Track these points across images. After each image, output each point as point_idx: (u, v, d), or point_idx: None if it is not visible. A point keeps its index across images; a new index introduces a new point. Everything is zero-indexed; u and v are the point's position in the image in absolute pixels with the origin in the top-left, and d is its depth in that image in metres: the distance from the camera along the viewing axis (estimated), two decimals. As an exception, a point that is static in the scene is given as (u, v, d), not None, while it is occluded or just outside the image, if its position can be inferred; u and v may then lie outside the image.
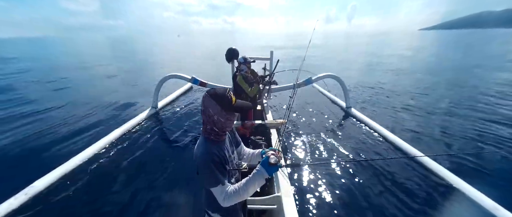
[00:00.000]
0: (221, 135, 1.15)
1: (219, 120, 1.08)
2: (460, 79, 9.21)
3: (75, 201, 2.64)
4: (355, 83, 8.60)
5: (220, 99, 1.05)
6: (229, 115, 1.08)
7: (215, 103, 1.06)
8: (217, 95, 1.06)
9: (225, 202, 1.07)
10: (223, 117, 1.07)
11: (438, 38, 52.19)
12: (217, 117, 1.07)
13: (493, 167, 3.27)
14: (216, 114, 1.07)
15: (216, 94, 1.07)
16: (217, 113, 1.07)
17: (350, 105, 5.41)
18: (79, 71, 10.62)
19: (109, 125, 4.57)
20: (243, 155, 1.42)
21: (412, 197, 2.72)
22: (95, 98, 6.54)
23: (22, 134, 4.26)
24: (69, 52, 19.28)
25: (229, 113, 1.08)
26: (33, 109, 5.57)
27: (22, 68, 11.80)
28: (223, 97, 1.05)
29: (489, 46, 26.00)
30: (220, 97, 1.05)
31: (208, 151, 1.07)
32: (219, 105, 1.06)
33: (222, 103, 1.05)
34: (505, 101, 6.17)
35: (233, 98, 1.08)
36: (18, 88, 7.55)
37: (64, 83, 8.32)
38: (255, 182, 1.07)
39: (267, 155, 1.10)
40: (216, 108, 1.06)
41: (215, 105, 1.06)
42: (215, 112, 1.07)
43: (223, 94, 1.06)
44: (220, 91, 1.07)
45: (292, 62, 13.55)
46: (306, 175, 3.10)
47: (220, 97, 1.05)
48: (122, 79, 9.23)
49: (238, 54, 4.08)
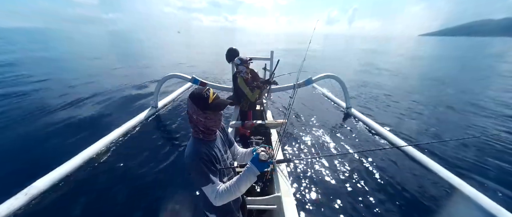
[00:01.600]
0: (209, 134, 1.15)
1: (199, 120, 1.08)
2: (461, 81, 9.19)
3: (75, 201, 2.64)
4: (355, 83, 8.59)
5: (196, 99, 1.06)
6: (207, 114, 1.07)
7: (192, 103, 1.07)
8: (194, 94, 1.07)
9: (216, 200, 1.06)
10: (202, 116, 1.07)
11: (437, 44, 52.22)
12: (196, 117, 1.08)
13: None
14: (194, 113, 1.08)
15: (193, 94, 1.07)
16: (194, 113, 1.07)
17: (350, 105, 5.40)
18: (78, 71, 10.61)
19: (109, 125, 4.57)
20: (237, 155, 1.42)
21: (412, 197, 2.72)
22: (94, 98, 6.54)
23: (22, 134, 4.26)
24: (68, 50, 19.20)
25: (207, 112, 1.07)
26: (33, 108, 5.56)
27: (16, 60, 11.81)
28: (198, 97, 1.05)
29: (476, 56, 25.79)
30: (196, 97, 1.06)
31: (196, 150, 1.08)
32: (195, 105, 1.06)
33: (197, 102, 1.05)
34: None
35: (211, 97, 1.06)
36: (17, 86, 7.56)
37: (64, 83, 8.32)
38: (246, 179, 1.06)
39: (257, 152, 1.10)
40: (193, 108, 1.07)
41: (192, 105, 1.07)
42: (193, 112, 1.08)
43: (199, 94, 1.06)
44: (197, 91, 1.07)
45: (292, 63, 13.54)
46: (306, 175, 3.10)
47: (196, 97, 1.06)
48: (121, 79, 9.23)
49: (238, 53, 4.06)
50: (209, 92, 1.07)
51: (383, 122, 4.80)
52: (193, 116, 1.09)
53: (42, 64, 11.66)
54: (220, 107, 1.09)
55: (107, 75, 9.87)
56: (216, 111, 1.09)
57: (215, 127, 1.13)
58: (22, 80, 8.51)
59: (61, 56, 15.73)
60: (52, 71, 10.19)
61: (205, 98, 1.05)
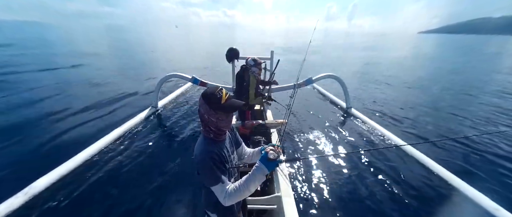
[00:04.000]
0: (220, 135, 1.13)
1: (210, 119, 1.07)
2: (460, 82, 9.20)
3: (76, 201, 2.63)
4: (355, 84, 8.59)
5: (208, 98, 1.04)
6: (219, 114, 1.06)
7: (204, 102, 1.05)
8: (206, 94, 1.05)
9: (226, 200, 1.05)
10: (213, 117, 1.06)
11: (437, 42, 52.24)
12: (208, 116, 1.06)
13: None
14: (206, 113, 1.06)
15: (206, 93, 1.06)
16: (206, 112, 1.06)
17: (351, 105, 5.40)
18: (78, 70, 10.59)
19: (109, 125, 4.56)
20: (244, 155, 1.40)
21: (412, 197, 2.72)
22: (94, 98, 6.53)
23: (22, 134, 4.26)
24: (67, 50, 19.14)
25: (219, 113, 1.05)
26: (33, 108, 5.56)
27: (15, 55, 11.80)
28: (211, 96, 1.04)
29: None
30: (209, 96, 1.04)
31: (207, 150, 1.07)
32: (207, 104, 1.05)
33: (210, 102, 1.04)
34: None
35: (224, 97, 1.05)
36: (16, 86, 7.55)
37: (64, 82, 8.31)
38: (255, 179, 1.05)
39: (266, 151, 1.09)
40: (205, 107, 1.06)
41: (204, 104, 1.06)
42: (204, 111, 1.07)
43: (212, 93, 1.04)
44: (210, 90, 1.06)
45: (292, 62, 13.53)
46: (306, 175, 3.10)
47: (209, 96, 1.04)
48: (121, 79, 9.22)
49: (239, 53, 4.07)
50: (221, 92, 1.05)
51: (383, 122, 4.81)
52: (205, 116, 1.07)
53: (40, 63, 11.63)
54: (232, 108, 1.08)
55: (107, 75, 9.86)
56: (228, 112, 1.08)
57: (226, 128, 1.12)
58: (20, 79, 8.50)
59: (59, 52, 15.65)
60: (51, 70, 10.18)
61: (218, 99, 1.03)
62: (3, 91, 7.02)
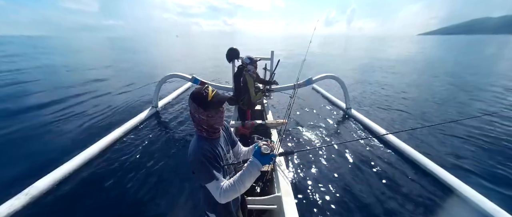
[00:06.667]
0: (213, 132, 1.15)
1: (201, 118, 1.08)
2: (465, 81, 9.20)
3: (76, 201, 2.64)
4: (355, 84, 8.59)
5: (195, 98, 1.06)
6: (208, 111, 1.07)
7: (192, 102, 1.08)
8: (193, 94, 1.07)
9: (221, 197, 1.05)
10: (204, 115, 1.07)
11: (436, 44, 52.19)
12: (198, 115, 1.08)
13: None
14: (196, 112, 1.08)
15: (192, 94, 1.08)
16: (196, 111, 1.08)
17: (350, 106, 5.40)
18: (78, 72, 10.62)
19: (109, 125, 4.58)
20: (241, 154, 1.41)
21: (412, 197, 2.73)
22: (94, 97, 6.55)
23: (23, 134, 4.27)
24: (67, 54, 19.19)
25: (208, 110, 1.07)
26: (34, 109, 5.57)
27: (20, 67, 11.81)
28: (198, 95, 1.06)
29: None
30: (196, 96, 1.06)
31: (200, 147, 1.08)
32: (195, 103, 1.07)
33: (197, 101, 1.06)
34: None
35: (210, 94, 1.06)
36: (19, 88, 7.56)
37: (64, 83, 8.32)
38: (250, 174, 1.05)
39: (259, 146, 1.10)
40: (194, 106, 1.08)
41: (192, 104, 1.08)
42: (194, 111, 1.09)
43: (198, 92, 1.06)
44: (196, 90, 1.08)
45: (292, 62, 13.54)
46: (306, 175, 3.10)
47: (196, 96, 1.06)
48: (121, 79, 9.23)
49: (239, 53, 4.07)
50: (208, 90, 1.07)
51: (383, 122, 4.81)
52: (195, 115, 1.09)
53: (43, 69, 11.66)
54: (220, 102, 1.09)
55: (107, 76, 9.88)
56: (217, 108, 1.09)
57: (218, 124, 1.13)
58: (23, 82, 8.51)
59: (62, 60, 15.76)
60: (53, 74, 10.20)
61: (204, 96, 1.05)
62: (5, 92, 7.02)
